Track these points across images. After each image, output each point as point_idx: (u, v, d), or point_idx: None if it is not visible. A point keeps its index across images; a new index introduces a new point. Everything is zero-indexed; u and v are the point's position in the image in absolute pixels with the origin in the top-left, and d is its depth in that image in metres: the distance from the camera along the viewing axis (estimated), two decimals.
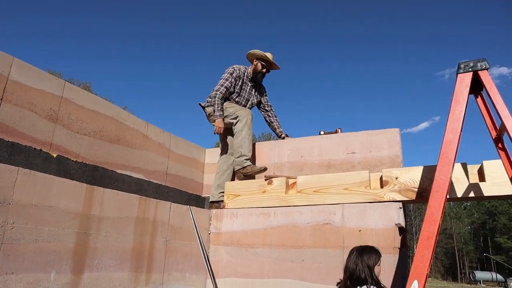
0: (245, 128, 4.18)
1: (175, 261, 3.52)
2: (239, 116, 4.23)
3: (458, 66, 2.64)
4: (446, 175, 2.37)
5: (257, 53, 4.44)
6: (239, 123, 4.20)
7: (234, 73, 4.40)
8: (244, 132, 4.16)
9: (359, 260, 2.59)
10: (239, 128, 4.19)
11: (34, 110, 2.78)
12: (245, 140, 4.14)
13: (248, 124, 4.21)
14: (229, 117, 4.31)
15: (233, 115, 4.28)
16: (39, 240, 2.39)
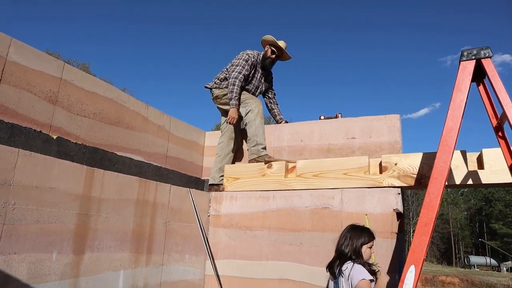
0: (258, 117, 4.17)
1: (174, 243, 3.56)
2: (250, 106, 4.21)
3: (461, 53, 2.62)
4: (445, 162, 2.37)
5: (268, 38, 4.38)
6: (251, 113, 4.18)
7: (249, 60, 4.33)
8: (258, 121, 4.16)
9: (348, 235, 2.65)
10: (251, 118, 4.17)
11: (33, 92, 2.77)
12: (259, 129, 4.14)
13: (260, 114, 4.21)
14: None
15: (243, 103, 4.26)
16: (41, 221, 2.41)
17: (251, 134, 4.15)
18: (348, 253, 2.57)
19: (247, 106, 4.22)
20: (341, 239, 2.67)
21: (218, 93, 4.40)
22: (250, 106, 4.20)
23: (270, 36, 4.37)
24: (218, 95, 4.41)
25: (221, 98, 4.40)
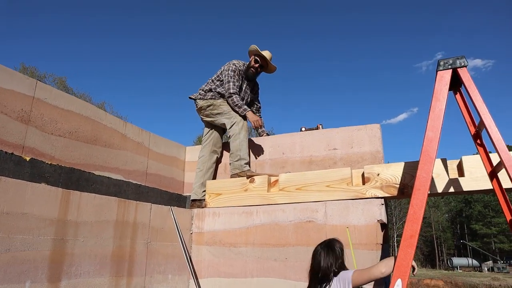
0: (242, 131, 4.10)
1: (157, 263, 3.46)
2: (234, 118, 4.14)
3: (438, 63, 2.65)
4: (427, 173, 2.37)
5: (253, 48, 4.35)
6: (236, 126, 4.11)
7: (236, 70, 4.29)
8: (242, 135, 4.08)
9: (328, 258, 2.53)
10: (236, 131, 4.10)
11: (4, 112, 2.66)
12: (243, 144, 4.06)
13: (245, 127, 4.13)
14: (223, 115, 4.23)
15: (227, 114, 4.19)
16: (12, 249, 2.29)
17: (234, 148, 4.08)
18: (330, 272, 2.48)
19: (232, 118, 4.15)
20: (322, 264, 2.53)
21: (202, 104, 4.34)
22: (236, 119, 4.13)
23: (254, 46, 4.33)
24: (202, 106, 4.34)
25: (205, 109, 4.33)
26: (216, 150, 4.39)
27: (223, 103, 4.27)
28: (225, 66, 4.34)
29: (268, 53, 4.35)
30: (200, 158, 4.36)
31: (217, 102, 4.28)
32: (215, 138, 4.41)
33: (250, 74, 4.39)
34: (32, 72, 34.80)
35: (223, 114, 4.22)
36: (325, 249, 2.58)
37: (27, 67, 34.85)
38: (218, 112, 4.25)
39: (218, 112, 4.25)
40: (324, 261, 2.52)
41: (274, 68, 4.48)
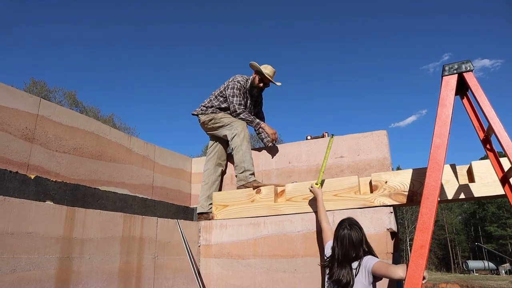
0: (244, 142, 4.08)
1: (164, 278, 3.43)
2: (235, 129, 4.12)
3: (443, 68, 2.60)
4: (436, 181, 2.32)
5: (255, 66, 4.31)
6: (237, 137, 4.09)
7: (241, 88, 4.29)
8: (244, 146, 4.07)
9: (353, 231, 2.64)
10: (237, 143, 4.08)
11: (7, 131, 2.67)
12: (246, 155, 4.05)
13: (246, 138, 4.12)
14: (224, 127, 4.24)
15: (228, 126, 4.19)
16: (17, 269, 2.28)
17: (238, 160, 4.06)
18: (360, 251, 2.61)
19: (232, 129, 4.15)
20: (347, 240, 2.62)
21: (204, 119, 4.35)
22: (236, 130, 4.13)
23: (257, 64, 4.28)
24: (205, 121, 4.36)
25: (207, 123, 4.34)
26: (221, 163, 4.38)
27: (224, 116, 4.28)
28: (229, 83, 4.31)
29: (271, 70, 4.33)
30: (206, 171, 4.34)
31: (217, 116, 4.29)
32: (219, 150, 4.41)
33: (255, 93, 4.40)
34: (41, 86, 35.27)
35: (224, 126, 4.23)
36: (351, 229, 2.65)
37: (36, 82, 35.37)
38: (220, 125, 4.26)
39: (220, 125, 4.26)
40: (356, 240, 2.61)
41: (279, 84, 4.46)
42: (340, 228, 2.71)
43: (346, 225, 2.69)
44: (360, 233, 2.65)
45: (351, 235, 2.62)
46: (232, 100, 4.23)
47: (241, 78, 4.35)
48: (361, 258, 2.58)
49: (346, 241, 2.62)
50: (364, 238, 2.66)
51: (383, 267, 2.44)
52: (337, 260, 2.64)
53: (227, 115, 4.30)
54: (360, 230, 2.66)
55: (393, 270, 2.37)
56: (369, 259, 2.54)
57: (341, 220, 2.79)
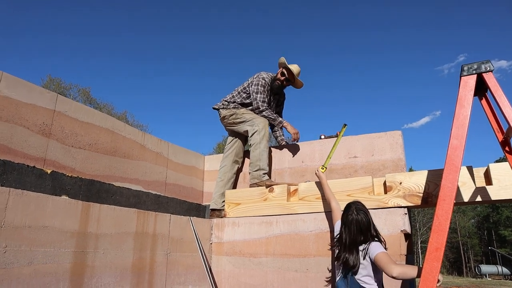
0: (263, 140, 4.05)
1: (177, 274, 3.45)
2: (256, 126, 4.09)
3: (461, 68, 2.55)
4: (452, 182, 2.28)
5: (281, 61, 4.29)
6: (257, 135, 4.07)
7: (266, 85, 4.25)
8: (263, 145, 4.04)
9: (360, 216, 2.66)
10: (257, 140, 4.06)
11: (26, 126, 2.71)
12: (263, 154, 4.02)
13: (266, 137, 4.09)
14: (245, 123, 4.20)
15: (250, 122, 4.16)
16: (34, 262, 2.31)
17: (254, 158, 4.05)
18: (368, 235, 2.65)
19: (254, 126, 4.12)
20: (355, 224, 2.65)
21: (225, 113, 4.33)
22: (257, 127, 4.09)
23: (283, 58, 4.27)
24: (225, 116, 4.34)
25: (228, 118, 4.32)
26: (237, 160, 4.38)
27: (245, 112, 4.25)
28: (253, 80, 4.28)
29: (296, 68, 4.28)
30: (222, 167, 4.34)
31: (239, 111, 4.27)
32: (237, 147, 4.39)
33: (275, 86, 4.33)
34: (58, 83, 35.78)
35: (246, 122, 4.19)
36: (358, 214, 2.67)
37: (53, 79, 35.89)
38: (241, 120, 4.23)
39: (241, 121, 4.23)
40: (363, 225, 2.64)
41: (301, 84, 4.39)
42: (348, 213, 2.73)
43: (353, 210, 2.71)
44: (367, 218, 2.67)
45: (359, 220, 2.65)
46: (256, 97, 4.18)
47: (266, 75, 4.30)
48: (369, 242, 2.61)
49: (353, 227, 2.65)
50: (371, 223, 2.68)
51: (384, 260, 2.44)
52: (344, 244, 2.68)
53: (249, 111, 4.27)
54: (367, 215, 2.69)
55: (389, 267, 2.38)
56: (375, 247, 2.55)
57: (348, 203, 2.81)
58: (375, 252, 2.50)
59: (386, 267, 2.40)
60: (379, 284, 2.60)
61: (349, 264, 2.59)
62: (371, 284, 2.55)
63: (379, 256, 2.47)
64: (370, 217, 2.71)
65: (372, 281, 2.55)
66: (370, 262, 2.55)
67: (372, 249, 2.55)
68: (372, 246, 2.57)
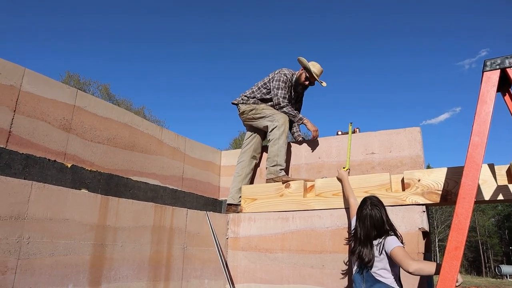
0: (283, 136, 4.04)
1: (193, 268, 3.48)
2: (276, 122, 4.08)
3: (484, 63, 2.49)
4: (473, 180, 2.24)
5: (303, 62, 4.23)
6: (277, 130, 4.06)
7: (287, 81, 4.22)
8: (282, 141, 4.03)
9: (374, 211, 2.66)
10: (276, 136, 4.05)
11: (47, 120, 2.77)
12: (282, 150, 4.01)
13: (286, 133, 4.07)
14: (265, 118, 4.19)
15: (270, 117, 4.15)
16: (55, 253, 2.37)
17: (272, 153, 4.04)
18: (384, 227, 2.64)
19: (274, 122, 4.10)
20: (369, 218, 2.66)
21: (245, 108, 4.33)
22: (278, 122, 4.08)
23: (305, 61, 4.20)
24: (245, 111, 4.34)
25: (248, 113, 4.32)
26: (255, 155, 4.38)
27: (266, 107, 4.24)
28: (275, 75, 4.24)
29: (319, 69, 4.23)
30: (240, 162, 4.35)
31: (259, 107, 4.26)
32: (256, 143, 4.39)
33: (299, 90, 4.35)
34: (76, 79, 36.40)
35: (266, 117, 4.18)
36: (372, 209, 2.67)
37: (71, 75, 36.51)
38: (261, 116, 4.21)
39: (261, 116, 4.22)
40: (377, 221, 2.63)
41: (324, 84, 4.36)
42: (362, 208, 2.73)
43: (368, 205, 2.71)
44: (381, 213, 2.66)
45: (372, 215, 2.65)
46: (277, 93, 4.16)
47: (288, 71, 4.27)
48: (384, 237, 2.60)
49: (367, 222, 2.66)
50: (385, 218, 2.67)
51: (400, 255, 2.43)
52: (359, 239, 2.68)
53: (269, 107, 4.26)
54: (381, 210, 2.68)
55: (406, 262, 2.37)
56: (391, 242, 2.54)
57: (364, 198, 2.81)
58: (391, 247, 2.49)
59: (403, 262, 2.39)
60: (396, 278, 2.58)
61: (363, 259, 2.59)
62: (387, 278, 2.54)
63: (396, 250, 2.46)
64: (385, 212, 2.70)
65: (388, 275, 2.54)
66: (386, 256, 2.54)
67: (388, 243, 2.54)
68: (388, 240, 2.57)
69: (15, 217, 2.21)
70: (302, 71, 4.28)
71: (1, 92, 2.47)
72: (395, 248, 2.47)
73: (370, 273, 2.58)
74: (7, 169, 2.38)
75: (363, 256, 2.60)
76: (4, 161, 2.39)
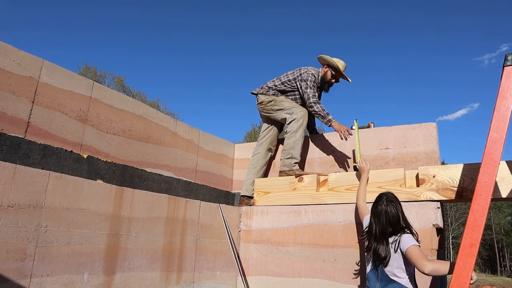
0: (300, 129, 4.01)
1: (205, 260, 3.52)
2: (295, 114, 4.04)
3: (505, 58, 2.44)
4: (490, 177, 2.20)
5: (328, 60, 4.16)
6: (295, 123, 4.02)
7: (316, 81, 4.16)
8: (299, 134, 4.00)
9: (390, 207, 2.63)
10: (294, 128, 4.02)
11: (64, 112, 2.81)
12: (298, 143, 3.99)
13: (303, 126, 4.04)
14: (284, 110, 4.15)
15: (288, 110, 4.11)
16: (71, 242, 2.42)
17: (288, 145, 4.02)
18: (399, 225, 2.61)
19: (293, 114, 4.07)
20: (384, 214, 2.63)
21: (264, 99, 4.30)
22: (296, 115, 4.04)
23: (330, 58, 4.14)
24: (264, 101, 4.31)
25: (266, 104, 4.29)
26: (271, 148, 4.37)
27: (284, 99, 4.22)
28: (303, 75, 4.16)
29: (343, 65, 4.17)
30: (256, 154, 4.34)
31: (278, 98, 4.23)
32: (272, 135, 4.38)
33: (326, 87, 4.29)
34: (93, 71, 36.85)
35: (284, 109, 4.15)
36: (388, 205, 2.65)
37: (89, 67, 36.98)
38: (279, 108, 4.18)
39: (279, 108, 4.19)
40: (392, 217, 2.61)
41: (347, 79, 4.29)
42: (378, 204, 2.71)
43: (383, 200, 2.68)
44: (397, 210, 2.63)
45: (388, 211, 2.62)
46: (307, 91, 4.08)
47: (315, 71, 4.20)
48: (400, 234, 2.57)
49: (383, 218, 2.63)
50: (401, 215, 2.64)
51: (415, 255, 2.40)
52: (374, 236, 2.65)
53: (288, 99, 4.23)
54: (396, 206, 2.65)
55: (421, 263, 2.33)
56: (407, 240, 2.51)
57: (379, 194, 2.78)
58: (407, 245, 2.46)
59: (418, 263, 2.36)
60: (411, 277, 2.56)
61: (380, 256, 2.56)
62: (402, 278, 2.51)
63: (411, 249, 2.43)
64: (401, 209, 2.67)
65: (403, 274, 2.52)
66: (401, 254, 2.51)
67: (404, 241, 2.51)
68: (403, 238, 2.53)
69: (33, 205, 2.26)
70: (327, 69, 4.21)
71: (21, 83, 2.51)
72: (410, 247, 2.44)
73: (385, 272, 2.55)
74: (25, 159, 2.43)
75: (379, 252, 2.57)
76: (23, 151, 2.44)
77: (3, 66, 2.42)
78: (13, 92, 2.46)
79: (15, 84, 2.47)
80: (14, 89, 2.47)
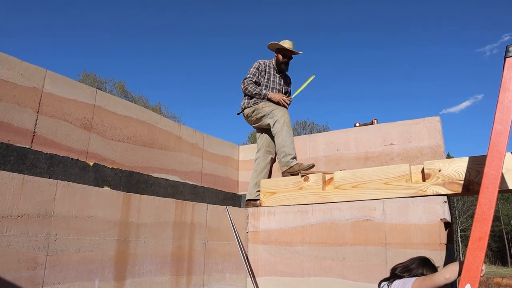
0: (284, 127, 4.10)
1: (214, 262, 3.53)
2: (276, 116, 4.17)
3: (506, 49, 2.43)
4: (497, 169, 2.20)
5: (274, 45, 4.48)
6: (277, 124, 4.14)
7: (260, 67, 4.47)
8: (284, 131, 4.09)
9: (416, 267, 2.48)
10: (278, 129, 4.12)
11: (69, 120, 2.83)
12: (286, 139, 4.07)
13: (287, 123, 4.14)
14: (266, 116, 4.28)
15: (269, 114, 4.23)
16: (81, 250, 2.44)
17: (279, 145, 4.11)
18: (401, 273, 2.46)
19: (274, 117, 4.19)
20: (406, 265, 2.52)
21: (248, 111, 4.43)
22: (276, 116, 4.16)
23: (274, 42, 4.45)
24: (248, 114, 4.43)
25: (251, 115, 4.40)
26: (270, 150, 4.44)
27: (264, 105, 4.32)
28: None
29: (289, 43, 4.44)
30: (256, 159, 4.44)
31: (259, 106, 4.34)
32: (267, 140, 4.48)
33: (283, 68, 4.55)
34: (93, 78, 37.00)
35: (266, 115, 4.27)
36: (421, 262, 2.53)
37: (88, 74, 37.13)
38: (262, 115, 4.30)
39: (262, 115, 4.31)
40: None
41: (297, 53, 4.54)
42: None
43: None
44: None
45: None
46: (245, 77, 4.43)
47: (263, 60, 4.56)
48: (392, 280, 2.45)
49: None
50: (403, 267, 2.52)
51: (426, 280, 2.26)
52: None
53: (267, 103, 4.33)
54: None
55: (437, 277, 2.20)
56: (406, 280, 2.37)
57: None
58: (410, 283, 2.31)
59: (434, 279, 2.22)
60: None
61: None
62: None
63: (418, 281, 2.28)
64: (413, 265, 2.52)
65: None
66: None
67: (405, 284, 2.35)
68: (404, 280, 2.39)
69: (42, 215, 2.28)
70: (277, 53, 4.53)
71: (25, 94, 2.53)
72: (416, 281, 2.29)
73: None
74: (33, 169, 2.46)
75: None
76: (30, 161, 2.46)
77: (7, 77, 2.45)
78: (18, 103, 2.48)
79: (20, 95, 2.50)
80: (19, 100, 2.49)
